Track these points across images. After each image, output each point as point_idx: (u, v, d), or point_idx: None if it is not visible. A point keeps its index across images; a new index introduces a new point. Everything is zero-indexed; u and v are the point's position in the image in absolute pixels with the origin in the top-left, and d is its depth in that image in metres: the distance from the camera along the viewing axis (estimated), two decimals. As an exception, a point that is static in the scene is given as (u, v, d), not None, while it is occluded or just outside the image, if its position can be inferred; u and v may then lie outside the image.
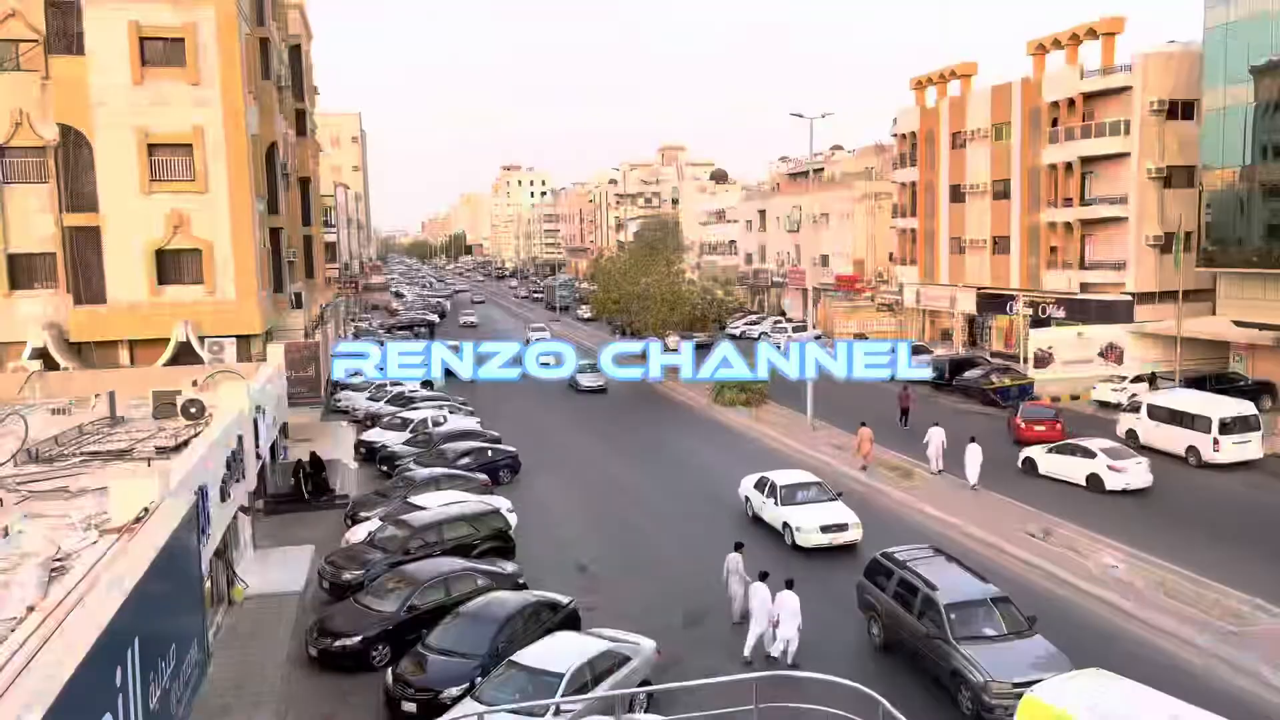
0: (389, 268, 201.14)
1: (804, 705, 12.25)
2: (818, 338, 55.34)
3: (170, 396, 22.26)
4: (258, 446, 22.35)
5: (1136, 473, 29.28)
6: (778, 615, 18.40)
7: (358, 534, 24.63)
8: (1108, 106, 47.17)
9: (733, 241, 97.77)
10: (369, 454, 35.42)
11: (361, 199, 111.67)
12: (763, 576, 19.37)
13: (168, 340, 31.53)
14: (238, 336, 32.56)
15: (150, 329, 31.89)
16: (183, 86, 31.51)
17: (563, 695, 14.83)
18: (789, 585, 18.76)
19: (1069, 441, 32.07)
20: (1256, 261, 41.04)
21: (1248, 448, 31.67)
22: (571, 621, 18.77)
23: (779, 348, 62.88)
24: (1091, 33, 47.75)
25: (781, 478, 27.02)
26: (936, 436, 32.12)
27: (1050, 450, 31.66)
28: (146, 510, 12.02)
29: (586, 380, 50.16)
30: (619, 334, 65.70)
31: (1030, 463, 31.76)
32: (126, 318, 31.89)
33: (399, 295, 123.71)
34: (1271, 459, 32.34)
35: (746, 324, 74.55)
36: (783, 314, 79.94)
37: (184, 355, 31.53)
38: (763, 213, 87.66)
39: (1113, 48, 47.39)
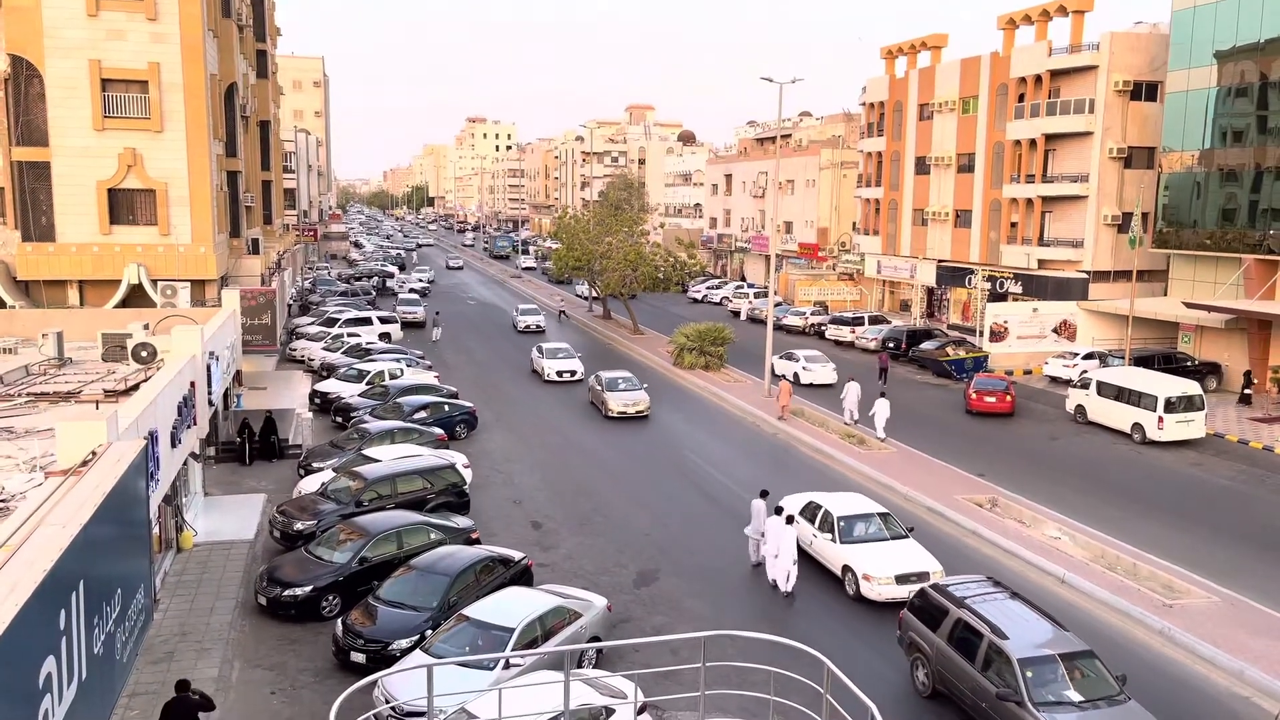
0: (349, 217, 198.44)
1: (751, 664, 12.44)
2: (778, 304, 55.58)
3: (120, 339, 21.87)
4: (210, 393, 22.05)
5: (821, 373, 40.72)
6: (777, 547, 20.03)
7: (310, 484, 24.48)
8: (1073, 84, 47.50)
9: (698, 204, 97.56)
10: (324, 405, 35.12)
11: (322, 145, 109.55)
12: (779, 511, 20.83)
13: (119, 282, 30.88)
14: (192, 281, 31.99)
15: (101, 270, 31.22)
16: (139, 20, 30.59)
17: (512, 649, 14.94)
18: (778, 512, 20.57)
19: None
20: (1209, 244, 41.83)
21: (1191, 426, 32.46)
22: (524, 578, 18.87)
23: (737, 315, 63.26)
24: (1062, 9, 47.92)
25: (838, 504, 21.48)
26: (853, 391, 34.52)
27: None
28: (94, 453, 11.82)
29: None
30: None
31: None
32: (76, 257, 31.16)
33: (358, 245, 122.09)
34: (1214, 438, 33.19)
35: (708, 288, 74.69)
36: (743, 279, 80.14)
37: (135, 298, 30.95)
38: (729, 177, 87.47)
39: (1082, 26, 47.62)
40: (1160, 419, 32.24)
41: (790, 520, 20.42)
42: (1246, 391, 37.84)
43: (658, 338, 53.16)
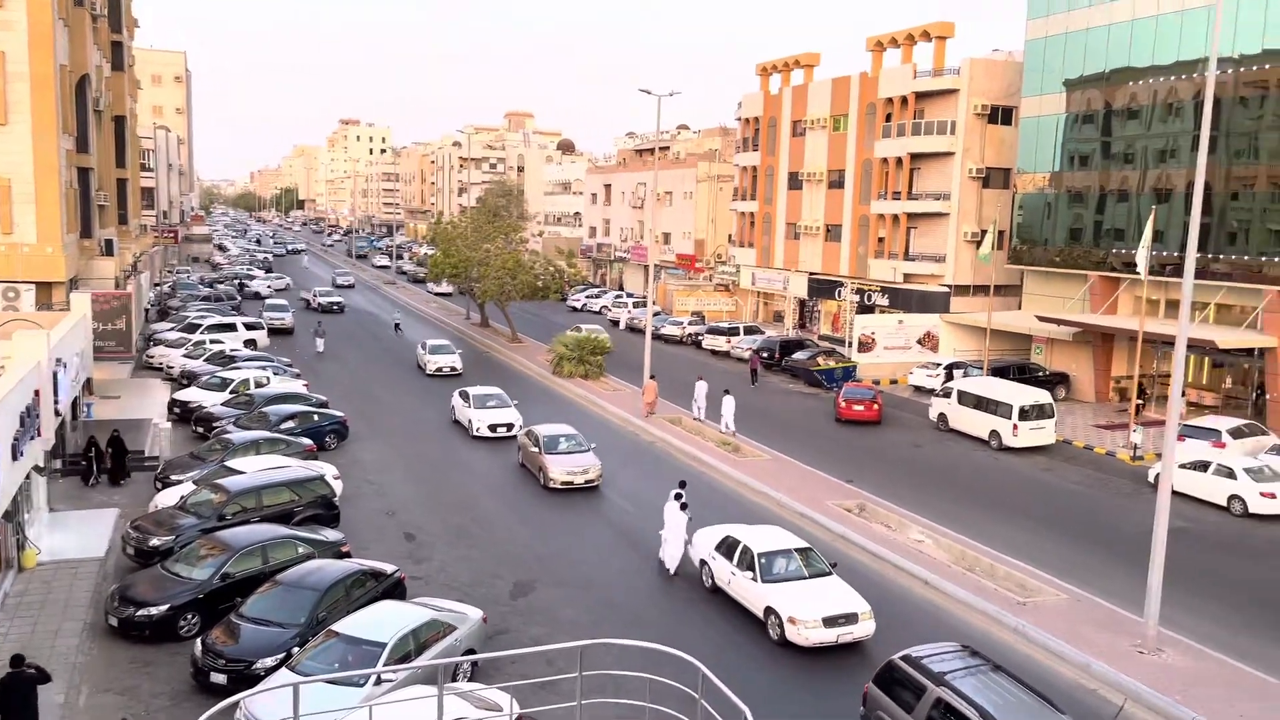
0: (213, 219, 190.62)
1: (627, 672, 12.45)
2: (657, 314, 56.11)
3: (-45, 344, 20.37)
4: (57, 402, 20.79)
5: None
6: (669, 530, 20.65)
7: (168, 498, 23.30)
8: (937, 106, 49.66)
9: (577, 213, 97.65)
10: (184, 414, 33.55)
11: (184, 143, 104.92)
12: (678, 498, 21.69)
13: (-46, 283, 28.80)
14: (37, 283, 30.10)
15: (-66, 269, 29.04)
16: (-19, 4, 28.64)
17: (384, 665, 14.55)
18: (677, 499, 21.36)
19: None
20: (1059, 261, 44.33)
21: (1043, 433, 34.28)
22: (397, 591, 18.41)
23: (616, 324, 63.66)
24: (926, 35, 50.09)
25: (757, 539, 19.99)
26: (701, 389, 36.88)
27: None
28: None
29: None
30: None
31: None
32: (-94, 256, 28.90)
33: (222, 248, 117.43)
34: (1063, 444, 35.13)
35: (588, 297, 74.80)
36: (622, 288, 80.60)
37: (-27, 300, 28.90)
38: (608, 187, 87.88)
39: (944, 51, 49.88)
40: (1015, 426, 33.92)
41: (684, 507, 21.56)
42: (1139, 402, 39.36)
43: (537, 346, 52.89)
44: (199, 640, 16.36)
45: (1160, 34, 38.79)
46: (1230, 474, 27.81)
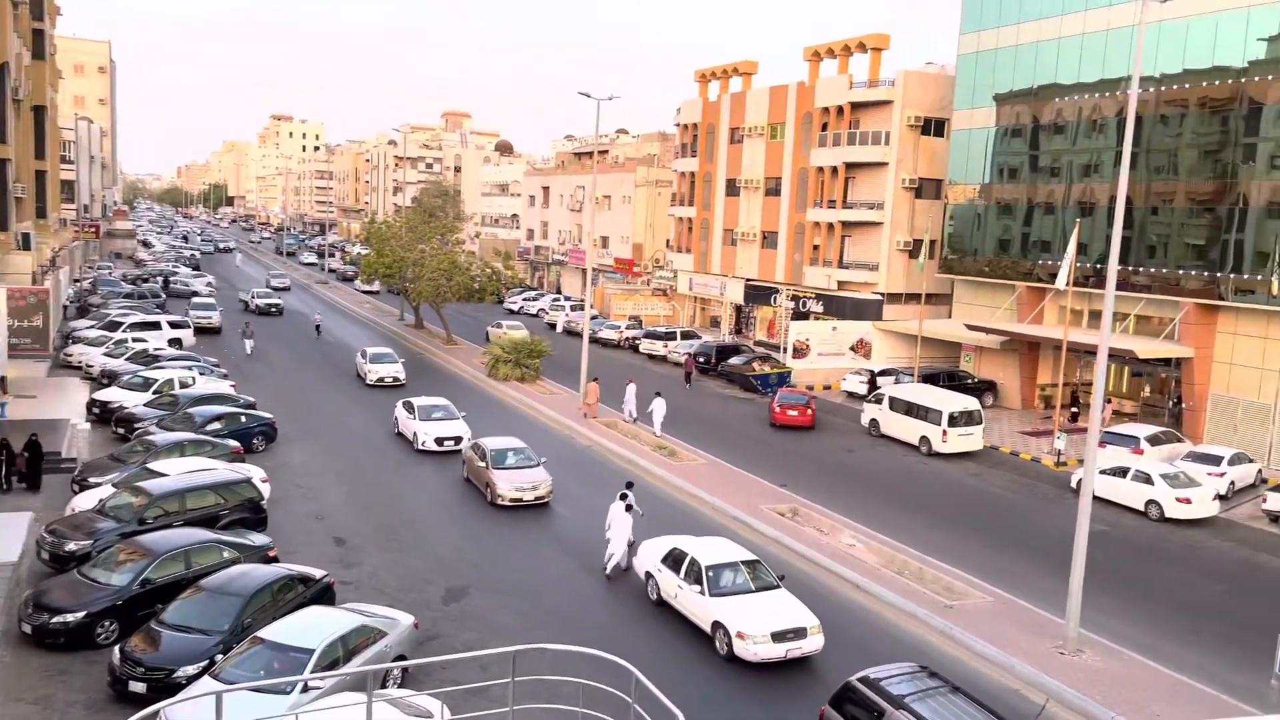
0: (137, 214, 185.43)
1: (560, 677, 12.39)
2: (594, 318, 56.04)
3: None
4: (-32, 401, 19.97)
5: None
6: (609, 532, 21.07)
7: (85, 501, 22.53)
8: (872, 117, 50.50)
9: (515, 215, 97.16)
10: (103, 415, 32.50)
11: (107, 135, 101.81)
12: (623, 498, 22.30)
13: None
14: (-51, 277, 28.93)
15: None
16: (-109, -15, 27.46)
17: (312, 671, 14.26)
18: (623, 499, 21.92)
19: None
20: (987, 271, 45.39)
21: (971, 439, 35.03)
22: (325, 596, 18.06)
23: (553, 327, 63.47)
24: (861, 46, 50.93)
25: (705, 552, 19.52)
26: (630, 392, 37.44)
27: None
28: None
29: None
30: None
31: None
32: None
33: (147, 244, 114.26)
34: (990, 450, 35.93)
35: (525, 299, 74.44)
36: (559, 291, 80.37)
37: (-121, 294, 27.67)
38: (546, 189, 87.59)
39: (879, 63, 50.77)
40: (944, 433, 34.61)
41: (630, 508, 22.01)
42: (1075, 410, 40.54)
43: (472, 348, 52.44)
44: (117, 648, 15.85)
45: (1086, 53, 40.00)
46: (1148, 480, 28.72)
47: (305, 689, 14.01)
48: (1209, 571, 24.55)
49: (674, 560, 19.71)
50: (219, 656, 15.39)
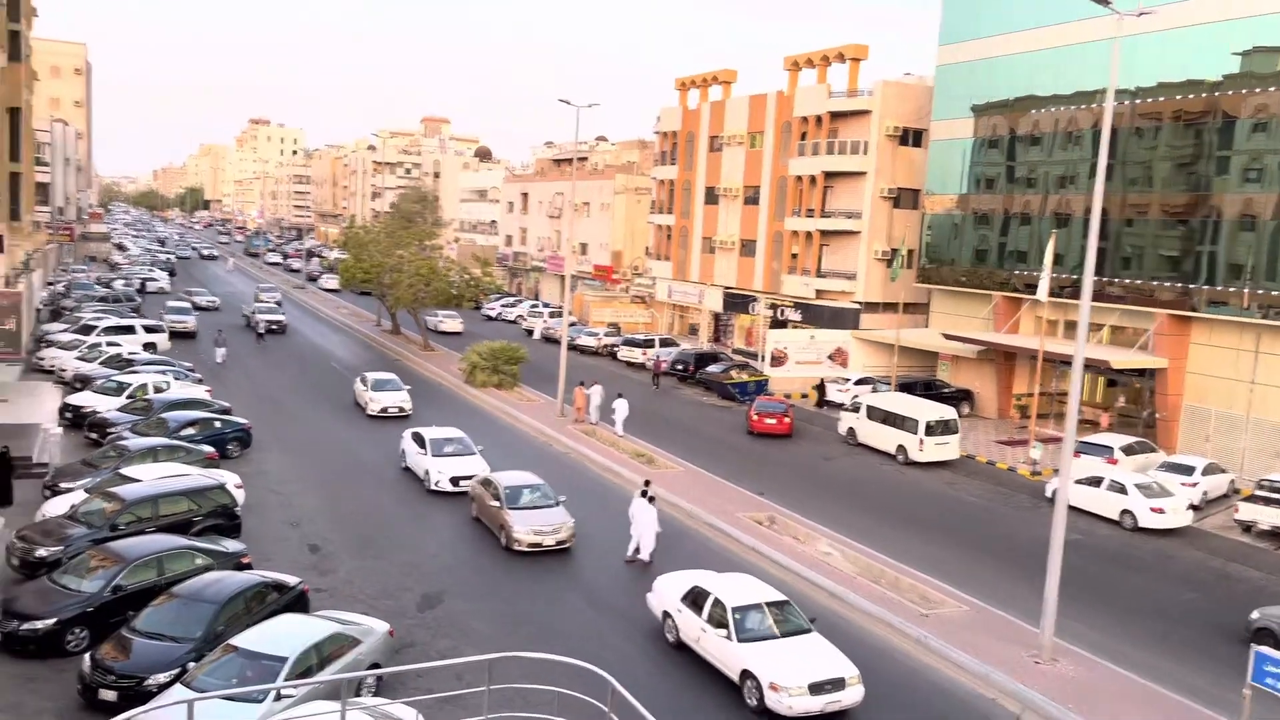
0: (112, 217, 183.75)
1: (536, 685, 12.34)
2: (573, 324, 56.00)
3: None
4: (-63, 405, 19.67)
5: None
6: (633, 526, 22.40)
7: (57, 507, 22.24)
8: (850, 127, 50.79)
9: (494, 221, 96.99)
10: (76, 419, 32.12)
11: (83, 138, 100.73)
12: (644, 494, 23.31)
13: None
14: (-81, 278, 28.52)
15: None
16: None
17: (285, 679, 14.12)
18: (644, 494, 23.21)
19: None
20: (964, 281, 45.70)
21: (947, 448, 35.23)
22: (299, 604, 17.89)
23: (531, 333, 63.43)
24: (840, 56, 51.24)
25: (730, 591, 17.89)
26: (596, 394, 37.94)
27: None
28: None
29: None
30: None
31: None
32: None
33: (121, 248, 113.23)
34: (966, 459, 36.14)
35: (504, 305, 74.27)
36: (538, 298, 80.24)
37: None
38: (525, 195, 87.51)
39: (858, 72, 51.08)
40: (921, 441, 34.78)
41: (652, 500, 23.36)
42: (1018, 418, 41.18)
43: (450, 355, 52.24)
44: (88, 655, 15.64)
45: (1063, 65, 40.41)
46: (1122, 489, 28.97)
47: (278, 697, 13.87)
48: (1182, 580, 24.79)
49: (694, 600, 18.08)
50: (191, 664, 15.22)
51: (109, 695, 14.91)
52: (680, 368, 49.72)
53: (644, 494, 23.58)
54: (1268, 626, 20.52)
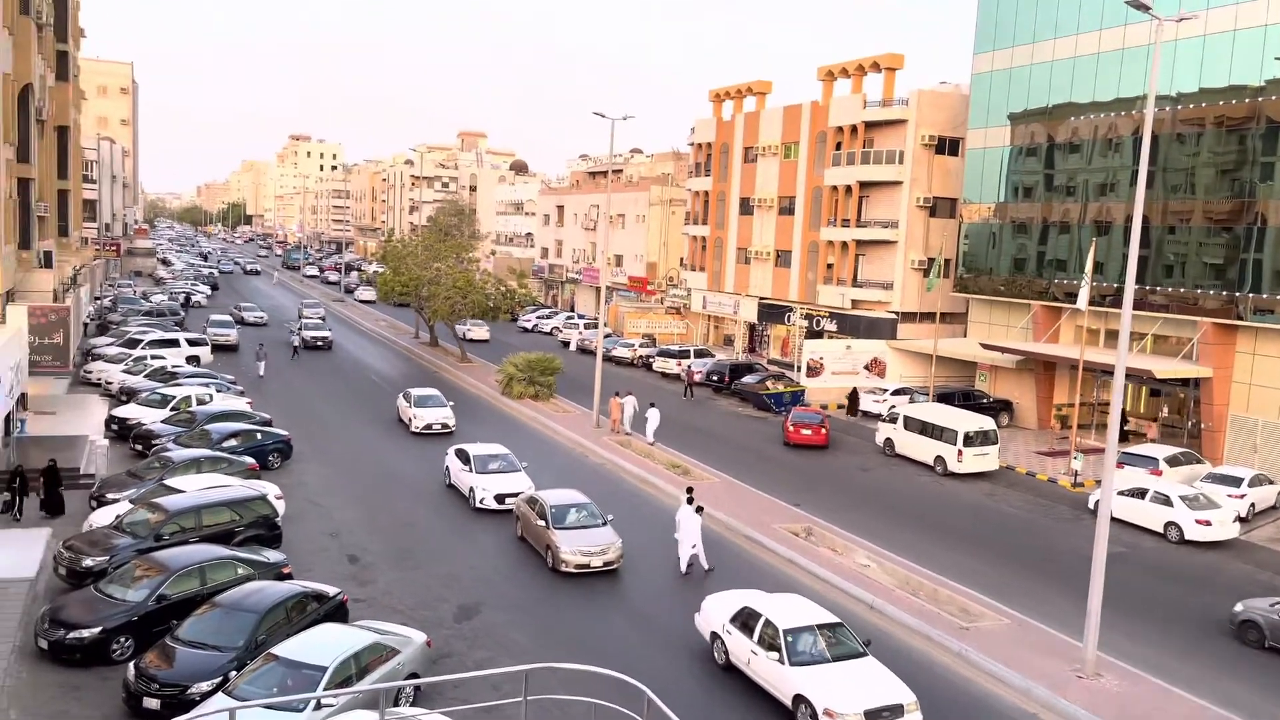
0: (157, 232, 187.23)
1: (573, 697, 12.36)
2: (608, 336, 56.14)
3: (-118, 356, 19.69)
4: (-11, 417, 20.16)
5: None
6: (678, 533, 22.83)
7: (103, 517, 22.68)
8: (886, 136, 50.54)
9: (529, 234, 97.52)
10: (122, 431, 32.73)
11: (129, 155, 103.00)
12: (690, 501, 23.71)
13: (-117, 293, 27.92)
14: (-29, 294, 29.24)
15: None
16: (-81, 9, 27.92)
17: (325, 689, 14.27)
18: (689, 502, 23.68)
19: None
20: (1003, 290, 45.24)
21: (986, 459, 34.82)
22: (339, 614, 18.09)
23: (567, 345, 63.72)
24: (875, 66, 51.03)
25: (781, 613, 17.49)
26: (629, 404, 38.29)
27: None
28: None
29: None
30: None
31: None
32: None
33: (166, 263, 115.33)
34: (1006, 470, 35.70)
35: (539, 318, 74.63)
36: (573, 310, 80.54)
37: (-97, 311, 28.00)
38: (561, 208, 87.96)
39: (893, 82, 50.85)
40: (960, 452, 34.42)
41: (700, 510, 23.52)
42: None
43: (487, 366, 52.56)
44: (132, 664, 15.91)
45: (1101, 72, 39.96)
46: (1167, 501, 28.46)
47: (318, 706, 14.02)
48: (1229, 594, 24.23)
49: (744, 621, 17.70)
50: (233, 673, 15.43)
51: (153, 703, 15.15)
52: (715, 378, 49.64)
53: (689, 501, 23.94)
54: (1251, 619, 20.90)
